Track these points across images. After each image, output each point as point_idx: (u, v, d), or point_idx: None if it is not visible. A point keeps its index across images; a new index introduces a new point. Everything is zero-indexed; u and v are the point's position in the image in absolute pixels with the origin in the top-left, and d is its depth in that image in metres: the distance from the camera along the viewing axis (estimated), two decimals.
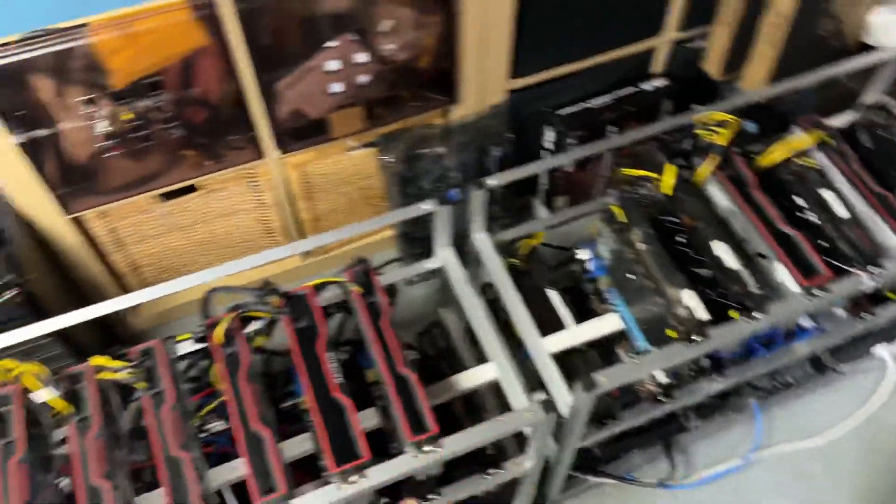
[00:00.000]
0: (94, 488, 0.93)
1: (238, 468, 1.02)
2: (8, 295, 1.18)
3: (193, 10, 1.10)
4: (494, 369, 1.14)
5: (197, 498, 0.93)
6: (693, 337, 1.06)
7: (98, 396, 1.01)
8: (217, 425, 1.20)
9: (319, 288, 1.14)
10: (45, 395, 1.01)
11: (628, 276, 1.15)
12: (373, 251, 1.78)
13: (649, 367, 1.10)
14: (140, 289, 1.53)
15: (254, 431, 0.97)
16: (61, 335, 1.28)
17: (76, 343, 1.36)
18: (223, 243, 1.60)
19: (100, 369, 1.04)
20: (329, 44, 1.24)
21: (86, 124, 1.18)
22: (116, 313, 1.18)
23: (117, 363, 1.03)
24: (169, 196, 1.41)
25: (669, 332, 1.08)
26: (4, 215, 1.25)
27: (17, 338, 1.06)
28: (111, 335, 1.60)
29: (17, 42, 1.06)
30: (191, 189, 1.42)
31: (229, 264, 1.14)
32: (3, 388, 1.01)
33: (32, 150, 1.19)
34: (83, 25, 1.07)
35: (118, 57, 1.11)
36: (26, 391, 1.02)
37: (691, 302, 1.07)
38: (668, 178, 1.18)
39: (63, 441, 1.07)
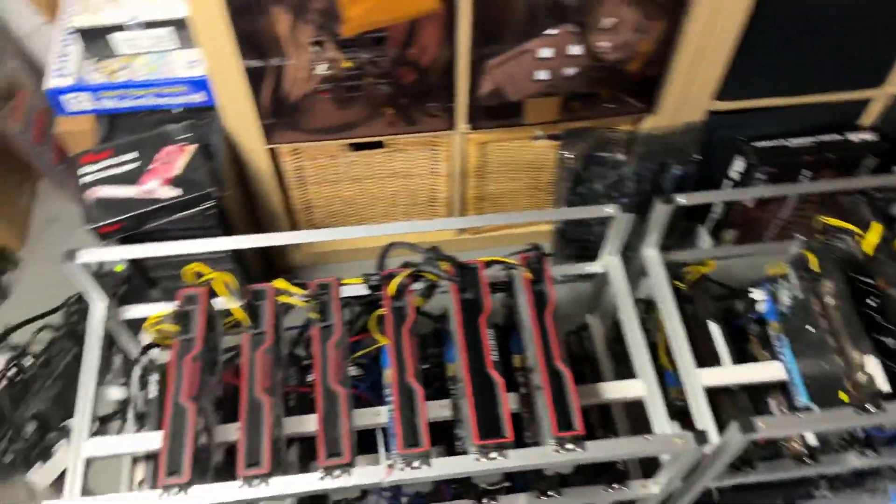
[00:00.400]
0: (256, 400, 0.99)
1: (380, 415, 1.07)
2: (206, 205, 1.27)
3: None
4: (642, 387, 1.12)
5: (346, 433, 0.97)
6: (867, 406, 1.00)
7: (274, 316, 1.08)
8: (350, 370, 1.25)
9: (488, 264, 1.16)
10: (228, 303, 1.08)
11: (807, 327, 1.10)
12: (523, 241, 1.78)
13: (810, 425, 1.05)
14: (306, 228, 1.62)
15: (408, 384, 1.01)
16: (238, 254, 1.37)
17: (245, 264, 1.45)
18: (389, 201, 1.66)
19: (279, 292, 1.10)
20: (548, 31, 1.24)
21: (308, 64, 1.25)
22: (283, 245, 1.24)
23: (297, 290, 1.09)
24: (357, 147, 1.47)
25: (842, 395, 1.02)
26: (216, 132, 1.35)
27: (211, 246, 1.14)
28: (270, 264, 1.70)
29: None
30: (378, 145, 1.47)
31: (405, 223, 1.17)
32: (192, 289, 1.10)
33: (255, 77, 1.27)
34: None
35: (355, 7, 1.16)
36: (210, 296, 1.10)
37: (874, 370, 1.01)
38: (873, 237, 1.11)
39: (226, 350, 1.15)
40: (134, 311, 1.20)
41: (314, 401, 1.03)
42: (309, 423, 1.05)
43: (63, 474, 1.45)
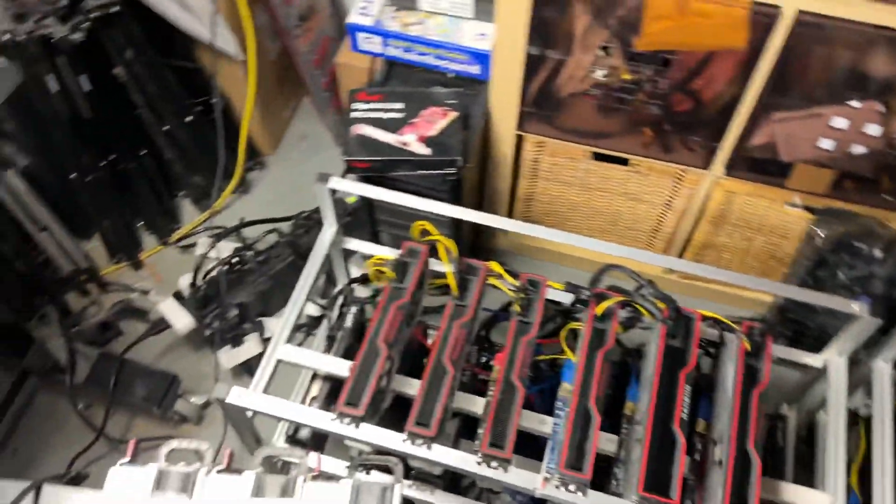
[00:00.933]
0: (443, 366, 1.03)
1: (545, 424, 1.06)
2: (449, 170, 1.32)
3: (754, 12, 1.08)
4: (827, 503, 1.03)
5: (513, 429, 0.97)
6: None
7: (479, 294, 1.10)
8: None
9: (704, 318, 1.10)
10: (444, 267, 1.12)
11: None
12: (731, 301, 1.69)
13: None
14: (521, 218, 1.63)
15: (588, 408, 0.99)
16: (458, 223, 1.41)
17: (460, 234, 1.49)
18: (610, 219, 1.62)
19: (490, 273, 1.12)
20: (852, 103, 1.14)
21: (588, 66, 1.24)
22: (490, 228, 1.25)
23: (510, 279, 1.10)
24: (600, 157, 1.45)
25: None
26: (478, 106, 1.39)
27: (449, 211, 1.16)
28: (475, 241, 1.74)
29: None
30: (622, 161, 1.45)
31: (628, 248, 1.13)
32: (415, 243, 1.15)
33: (533, 65, 1.29)
34: None
35: (657, 23, 1.13)
36: (430, 255, 1.14)
37: None
38: None
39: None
40: (355, 245, 1.28)
41: (487, 385, 1.05)
42: (476, 404, 1.07)
43: (245, 363, 1.61)
